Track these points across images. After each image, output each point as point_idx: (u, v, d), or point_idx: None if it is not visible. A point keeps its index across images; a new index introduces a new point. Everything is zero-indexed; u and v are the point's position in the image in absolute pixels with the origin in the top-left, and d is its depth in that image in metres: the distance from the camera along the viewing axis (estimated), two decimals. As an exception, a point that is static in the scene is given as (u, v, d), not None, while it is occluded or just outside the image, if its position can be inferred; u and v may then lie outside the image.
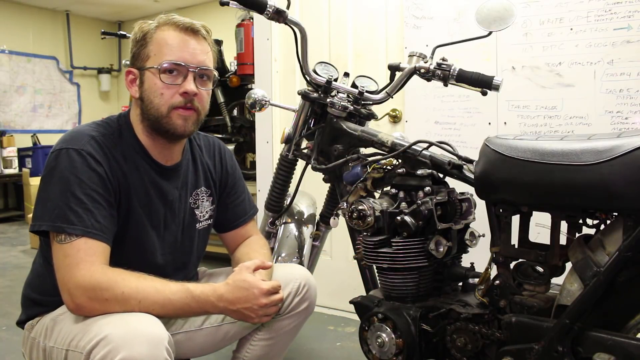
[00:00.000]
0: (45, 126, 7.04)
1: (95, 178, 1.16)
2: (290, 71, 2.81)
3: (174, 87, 1.22)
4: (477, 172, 1.23)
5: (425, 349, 1.31)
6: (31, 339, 1.24)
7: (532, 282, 1.23)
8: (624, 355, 1.02)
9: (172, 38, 1.22)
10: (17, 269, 3.83)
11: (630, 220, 1.05)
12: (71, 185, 1.14)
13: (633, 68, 1.94)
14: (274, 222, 1.82)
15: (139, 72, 1.24)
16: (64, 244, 1.12)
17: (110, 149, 1.22)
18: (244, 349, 1.46)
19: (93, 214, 1.14)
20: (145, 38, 1.23)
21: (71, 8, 7.04)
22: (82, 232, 1.12)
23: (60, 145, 1.19)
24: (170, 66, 1.21)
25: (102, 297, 1.09)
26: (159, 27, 1.23)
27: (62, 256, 1.12)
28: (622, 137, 1.06)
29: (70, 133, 1.22)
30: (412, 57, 1.53)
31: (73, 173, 1.15)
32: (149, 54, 1.22)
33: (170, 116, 1.23)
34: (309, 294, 1.45)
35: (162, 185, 1.31)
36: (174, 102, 1.22)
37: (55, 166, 1.16)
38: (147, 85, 1.23)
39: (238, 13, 3.70)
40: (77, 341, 1.08)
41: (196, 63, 1.23)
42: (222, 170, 1.49)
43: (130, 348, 1.00)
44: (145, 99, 1.24)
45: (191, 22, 1.25)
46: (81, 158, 1.16)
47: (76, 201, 1.13)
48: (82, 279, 1.09)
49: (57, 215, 1.12)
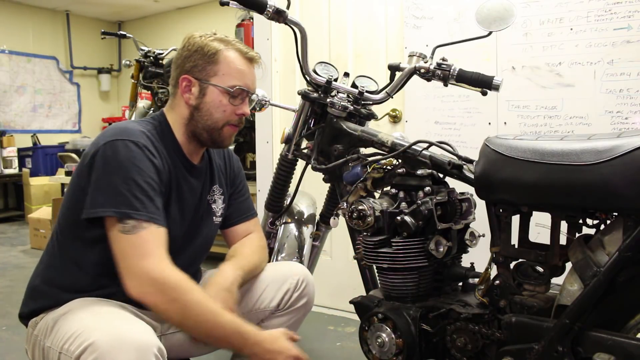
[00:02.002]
0: (45, 126, 7.04)
1: (152, 168, 1.23)
2: (290, 71, 2.81)
3: (234, 107, 1.34)
4: (477, 172, 1.23)
5: (425, 349, 1.31)
6: (34, 336, 1.24)
7: (532, 282, 1.23)
8: (624, 355, 1.02)
9: (240, 64, 1.34)
10: (17, 269, 3.83)
11: (630, 220, 1.05)
12: (132, 173, 1.18)
13: (633, 68, 1.94)
14: (274, 222, 1.82)
15: (199, 82, 1.32)
16: (130, 235, 1.15)
17: (156, 145, 1.28)
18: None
19: (154, 201, 1.20)
20: (214, 55, 1.32)
21: (71, 8, 7.04)
22: (147, 217, 1.17)
23: (112, 137, 1.22)
24: (238, 92, 1.33)
25: (169, 295, 1.14)
26: (227, 50, 1.33)
27: (128, 246, 1.15)
28: (622, 137, 1.06)
29: (118, 127, 1.26)
30: (412, 57, 1.53)
31: (132, 162, 1.19)
32: (216, 72, 1.32)
33: (223, 130, 1.35)
34: (307, 290, 1.46)
35: (191, 182, 1.38)
36: (230, 119, 1.35)
37: (112, 155, 1.19)
38: (210, 98, 1.32)
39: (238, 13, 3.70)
40: (68, 345, 1.08)
41: (252, 90, 1.38)
42: (231, 172, 1.54)
43: (116, 355, 1.00)
44: (203, 109, 1.33)
45: (252, 52, 1.38)
46: (138, 148, 1.22)
47: (139, 189, 1.18)
48: (152, 271, 1.14)
49: (122, 202, 1.16)
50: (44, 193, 5.72)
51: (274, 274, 1.47)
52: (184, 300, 1.15)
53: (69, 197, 1.28)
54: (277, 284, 1.44)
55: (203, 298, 1.18)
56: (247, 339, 1.21)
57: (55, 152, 6.09)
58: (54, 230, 1.32)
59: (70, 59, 7.25)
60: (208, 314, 1.17)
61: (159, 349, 1.05)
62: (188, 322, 1.18)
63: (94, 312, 1.16)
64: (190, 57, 1.33)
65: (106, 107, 7.73)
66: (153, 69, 4.12)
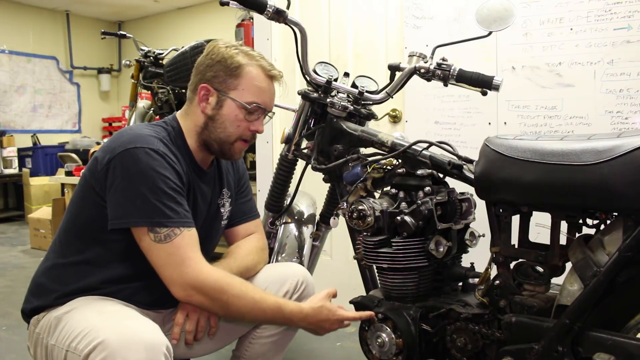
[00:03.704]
0: (45, 126, 7.04)
1: (174, 174, 1.24)
2: (290, 71, 2.80)
3: (249, 123, 1.35)
4: (477, 172, 1.23)
5: (425, 349, 1.31)
6: (36, 334, 1.24)
7: (532, 282, 1.23)
8: (624, 355, 1.02)
9: (261, 81, 1.34)
10: (17, 269, 3.83)
11: (630, 220, 1.05)
12: (158, 181, 1.20)
13: (633, 68, 1.93)
14: (274, 222, 1.82)
15: (217, 93, 1.33)
16: (164, 244, 1.19)
17: (173, 151, 1.30)
18: (243, 347, 1.47)
19: (182, 205, 1.24)
20: (237, 69, 1.32)
21: (71, 8, 7.04)
22: (180, 223, 1.21)
23: (129, 144, 1.22)
24: (255, 108, 1.34)
25: (210, 296, 1.21)
26: (250, 65, 1.33)
27: (165, 255, 1.19)
28: (622, 137, 1.06)
29: (134, 134, 1.25)
30: (412, 57, 1.53)
31: (156, 170, 1.20)
32: (237, 86, 1.32)
33: (234, 145, 1.36)
34: (307, 292, 1.46)
35: (202, 187, 1.39)
36: (243, 134, 1.36)
37: (134, 164, 1.20)
38: (227, 111, 1.33)
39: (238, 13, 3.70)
40: (76, 343, 1.08)
41: (269, 108, 1.39)
42: (237, 174, 1.56)
43: (126, 354, 1.00)
44: (218, 121, 1.34)
45: (274, 70, 1.38)
46: (159, 156, 1.23)
47: (166, 196, 1.20)
48: (190, 276, 1.19)
49: (153, 212, 1.18)
50: (44, 193, 5.71)
51: (274, 275, 1.47)
52: (224, 298, 1.22)
53: (79, 198, 1.29)
54: (276, 285, 1.44)
55: (242, 291, 1.25)
56: (291, 318, 1.31)
57: (55, 152, 6.08)
58: (60, 229, 1.32)
59: (70, 59, 7.25)
60: (249, 304, 1.25)
61: (167, 347, 1.06)
62: (233, 315, 1.28)
63: (99, 311, 1.16)
64: (212, 67, 1.33)
65: (106, 107, 7.73)
66: (153, 69, 4.12)
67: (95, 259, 1.26)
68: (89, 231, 1.26)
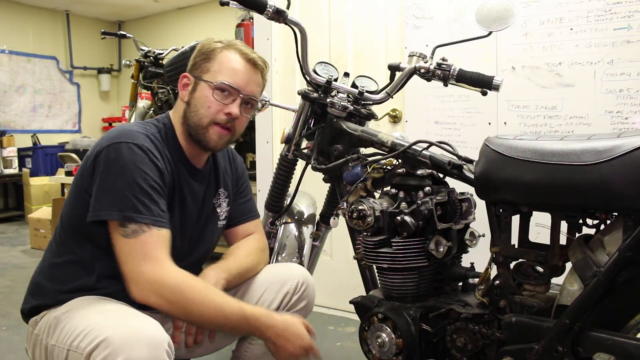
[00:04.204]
0: (45, 126, 7.03)
1: (155, 171, 1.23)
2: (290, 71, 2.81)
3: (222, 105, 1.31)
4: (477, 172, 1.23)
5: (425, 349, 1.31)
6: (35, 335, 1.24)
7: (532, 282, 1.23)
8: (624, 355, 1.02)
9: (234, 62, 1.32)
10: (17, 269, 3.83)
11: (630, 220, 1.05)
12: (136, 176, 1.19)
13: (633, 68, 1.93)
14: (274, 222, 1.81)
15: (194, 79, 1.33)
16: (130, 239, 1.16)
17: (160, 148, 1.28)
18: (243, 348, 1.47)
19: (158, 203, 1.21)
20: (210, 53, 1.32)
21: (71, 8, 7.04)
22: (151, 221, 1.17)
23: (115, 139, 1.22)
24: (224, 86, 1.30)
25: (168, 297, 1.15)
26: (226, 49, 1.33)
27: (129, 249, 1.16)
28: (622, 137, 1.06)
29: (122, 130, 1.26)
30: (412, 57, 1.53)
31: (137, 165, 1.20)
32: (209, 68, 1.31)
33: (208, 129, 1.32)
34: (307, 293, 1.46)
35: (194, 186, 1.38)
36: (217, 117, 1.31)
37: (116, 158, 1.20)
38: (199, 94, 1.31)
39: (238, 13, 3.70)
40: (78, 342, 1.08)
41: (247, 92, 1.33)
42: (236, 174, 1.54)
43: (130, 351, 1.00)
44: (192, 105, 1.32)
45: (254, 55, 1.35)
46: (142, 151, 1.22)
47: (142, 192, 1.18)
48: (151, 275, 1.15)
49: (125, 206, 1.16)
50: (44, 193, 5.71)
51: (274, 276, 1.47)
52: (184, 301, 1.16)
53: (72, 198, 1.29)
54: (276, 286, 1.44)
55: (204, 295, 1.19)
56: (256, 325, 1.22)
57: (55, 152, 6.08)
58: (57, 229, 1.33)
59: (70, 59, 7.25)
60: (210, 309, 1.18)
61: (169, 344, 1.06)
62: (195, 319, 1.22)
63: (100, 310, 1.16)
64: (192, 58, 1.35)
65: (106, 107, 7.73)
66: (153, 69, 4.12)
67: (89, 258, 1.26)
68: (81, 229, 1.26)
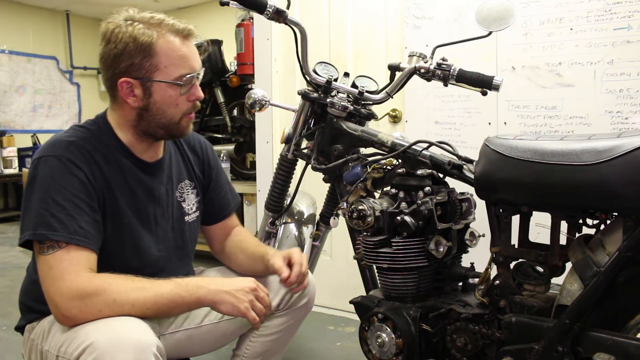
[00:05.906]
0: (45, 126, 7.03)
1: (76, 183, 1.14)
2: (290, 71, 2.81)
3: (187, 96, 1.24)
4: (477, 172, 1.23)
5: (425, 349, 1.31)
6: (31, 340, 1.24)
7: (532, 282, 1.23)
8: (624, 355, 1.02)
9: (177, 46, 1.21)
10: (17, 269, 3.83)
11: (630, 220, 1.05)
12: (51, 191, 1.12)
13: (633, 68, 1.94)
14: (274, 222, 1.82)
15: (140, 82, 1.20)
16: (47, 255, 1.09)
17: (90, 153, 1.20)
18: (244, 346, 1.47)
19: (75, 219, 1.12)
20: (148, 48, 1.18)
21: (71, 8, 7.04)
22: (66, 238, 1.09)
23: (39, 153, 1.18)
24: (185, 79, 1.21)
25: (93, 306, 1.06)
26: (161, 36, 1.20)
27: (46, 268, 1.09)
28: (622, 137, 1.06)
29: (49, 141, 1.21)
30: (412, 57, 1.53)
31: (53, 179, 1.13)
32: (157, 66, 1.19)
33: (181, 122, 1.27)
34: (308, 291, 1.46)
35: (147, 182, 1.30)
36: (186, 110, 1.26)
37: (34, 175, 1.15)
38: (159, 97, 1.22)
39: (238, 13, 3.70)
40: (65, 347, 1.07)
41: (200, 68, 1.26)
42: (204, 164, 1.48)
43: (115, 355, 0.99)
44: (153, 109, 1.23)
45: (182, 25, 1.24)
46: (61, 164, 1.14)
47: (57, 207, 1.11)
48: (67, 290, 1.06)
49: (38, 223, 1.10)
50: (44, 193, 5.71)
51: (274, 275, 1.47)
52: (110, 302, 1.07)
53: None
54: (276, 284, 1.44)
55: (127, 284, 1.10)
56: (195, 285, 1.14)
57: (55, 152, 6.08)
58: None
59: (70, 59, 7.25)
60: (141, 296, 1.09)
61: (157, 347, 1.04)
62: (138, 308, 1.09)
63: None
64: (121, 56, 1.19)
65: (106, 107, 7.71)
66: (153, 69, 4.11)
67: None
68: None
